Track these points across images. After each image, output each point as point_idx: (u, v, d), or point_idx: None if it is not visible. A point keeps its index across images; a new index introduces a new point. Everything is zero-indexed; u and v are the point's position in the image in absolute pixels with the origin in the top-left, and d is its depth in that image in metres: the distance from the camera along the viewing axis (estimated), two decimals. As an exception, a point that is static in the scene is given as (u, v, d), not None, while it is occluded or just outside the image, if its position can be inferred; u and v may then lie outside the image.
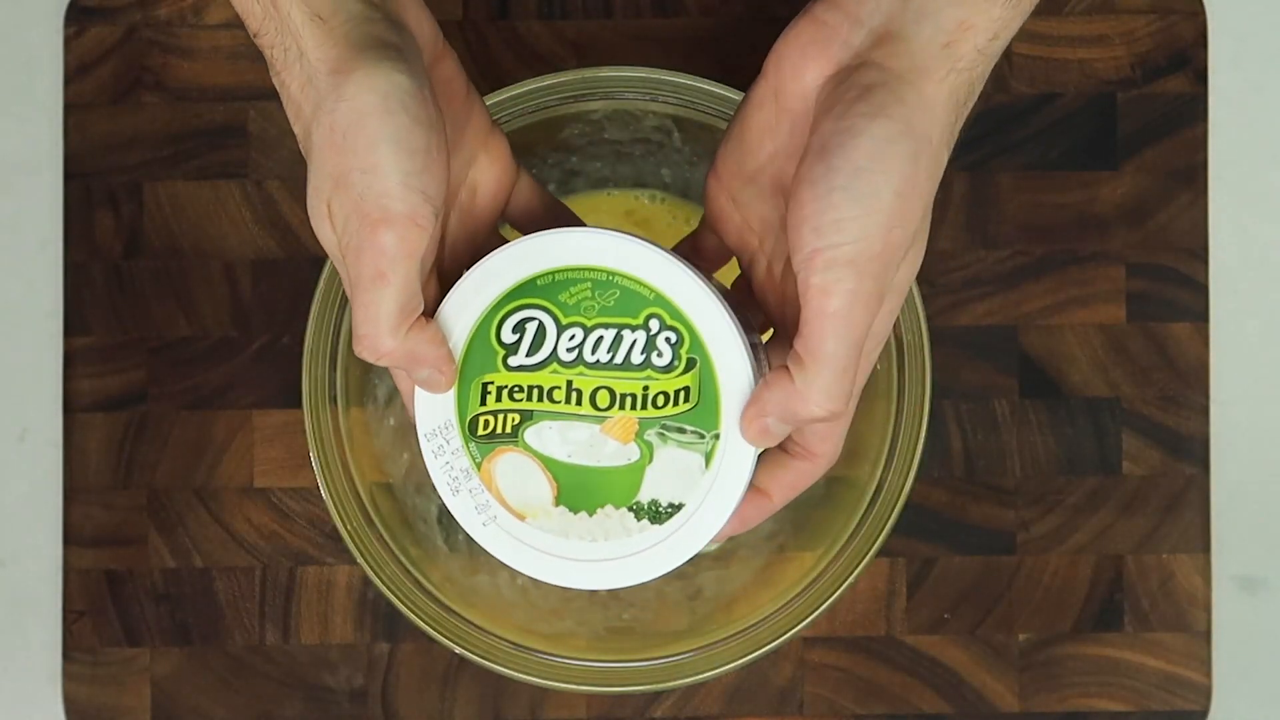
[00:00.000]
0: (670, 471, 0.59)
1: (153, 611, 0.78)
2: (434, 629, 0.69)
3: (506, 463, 0.60)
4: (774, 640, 0.70)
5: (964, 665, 0.78)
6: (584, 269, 0.59)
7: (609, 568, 0.60)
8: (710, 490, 0.59)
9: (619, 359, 0.59)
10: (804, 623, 0.69)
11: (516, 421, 0.59)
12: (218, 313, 0.79)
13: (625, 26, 0.79)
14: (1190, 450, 0.79)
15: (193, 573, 0.78)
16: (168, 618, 0.78)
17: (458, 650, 0.69)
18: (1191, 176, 0.79)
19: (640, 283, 0.58)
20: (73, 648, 0.78)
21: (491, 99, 0.69)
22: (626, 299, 0.58)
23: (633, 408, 0.59)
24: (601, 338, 0.59)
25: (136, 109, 0.79)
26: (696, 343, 0.58)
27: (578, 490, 0.60)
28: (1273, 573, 0.80)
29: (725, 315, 0.58)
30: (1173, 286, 0.79)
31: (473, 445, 0.60)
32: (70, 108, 0.79)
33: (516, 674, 0.69)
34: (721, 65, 0.78)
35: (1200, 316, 0.79)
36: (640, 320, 0.59)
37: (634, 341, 0.59)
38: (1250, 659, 0.80)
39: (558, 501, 0.60)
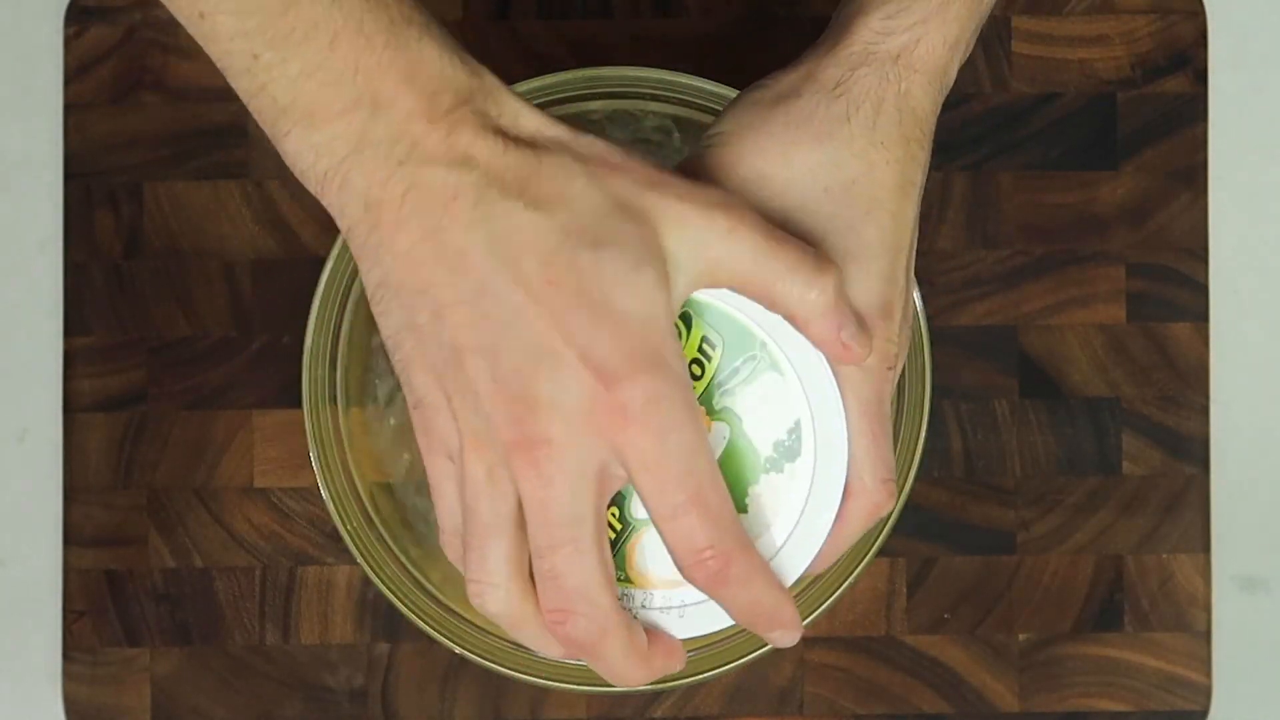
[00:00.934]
0: (761, 409, 0.55)
1: (153, 611, 0.78)
2: (434, 629, 0.69)
3: (642, 554, 0.56)
4: (774, 640, 0.69)
5: (964, 665, 0.78)
6: None
7: (801, 534, 0.56)
8: (804, 385, 0.55)
9: None
10: (804, 623, 0.69)
11: (615, 515, 0.55)
12: (218, 313, 0.79)
13: (625, 26, 0.79)
14: (1190, 450, 0.79)
15: (193, 573, 0.78)
16: (168, 618, 0.78)
17: (458, 650, 0.69)
18: (1191, 176, 0.79)
19: None
20: (73, 648, 0.78)
21: (491, 99, 0.69)
22: None
23: None
24: None
25: (136, 109, 0.79)
26: None
27: None
28: (1273, 573, 0.80)
29: None
30: (1173, 286, 0.79)
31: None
32: (70, 108, 0.79)
33: (517, 674, 0.69)
34: (721, 65, 0.78)
35: (1200, 316, 0.79)
36: None
37: None
38: (1250, 659, 0.80)
39: None
